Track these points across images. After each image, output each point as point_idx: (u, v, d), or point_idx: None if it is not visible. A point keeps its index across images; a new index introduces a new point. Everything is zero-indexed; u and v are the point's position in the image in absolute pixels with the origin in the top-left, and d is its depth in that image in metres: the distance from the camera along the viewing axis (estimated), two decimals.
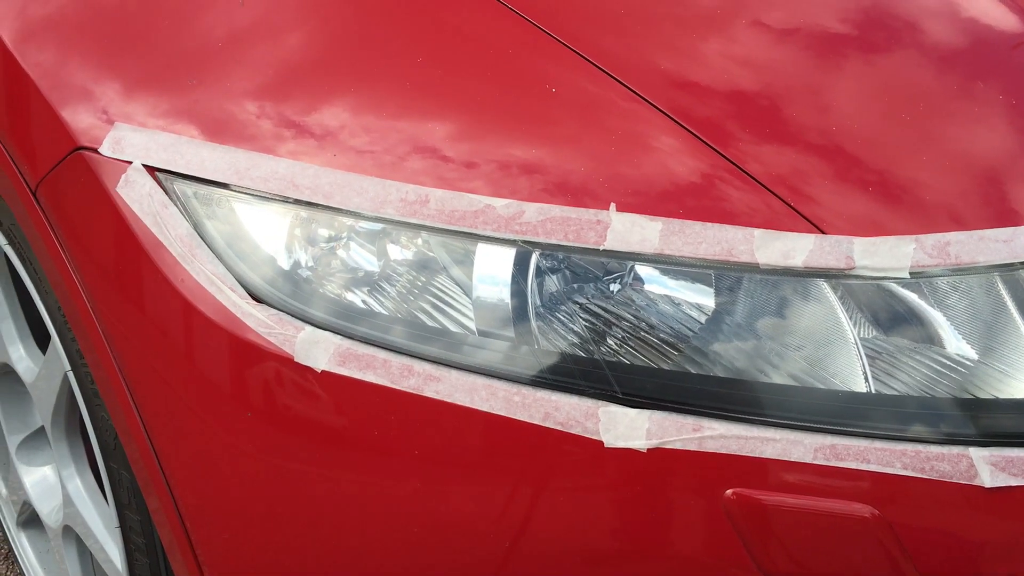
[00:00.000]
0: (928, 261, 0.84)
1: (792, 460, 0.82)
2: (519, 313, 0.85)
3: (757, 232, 0.83)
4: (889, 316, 0.88)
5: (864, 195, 0.87)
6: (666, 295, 0.86)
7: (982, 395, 0.86)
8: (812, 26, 1.02)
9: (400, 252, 0.88)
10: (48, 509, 1.37)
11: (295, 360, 0.84)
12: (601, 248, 0.83)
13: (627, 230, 0.83)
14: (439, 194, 0.85)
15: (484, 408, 0.83)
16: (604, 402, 0.82)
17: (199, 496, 0.91)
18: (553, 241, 0.84)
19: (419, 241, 0.87)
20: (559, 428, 0.82)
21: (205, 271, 0.87)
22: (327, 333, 0.85)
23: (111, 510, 1.10)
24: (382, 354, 0.84)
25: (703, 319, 0.86)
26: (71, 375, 1.09)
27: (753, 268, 0.83)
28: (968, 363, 0.87)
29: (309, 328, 0.85)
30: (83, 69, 0.96)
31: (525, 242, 0.84)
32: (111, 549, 1.19)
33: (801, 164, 0.87)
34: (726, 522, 0.82)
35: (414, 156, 0.87)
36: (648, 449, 0.82)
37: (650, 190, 0.85)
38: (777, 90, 0.93)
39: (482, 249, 0.85)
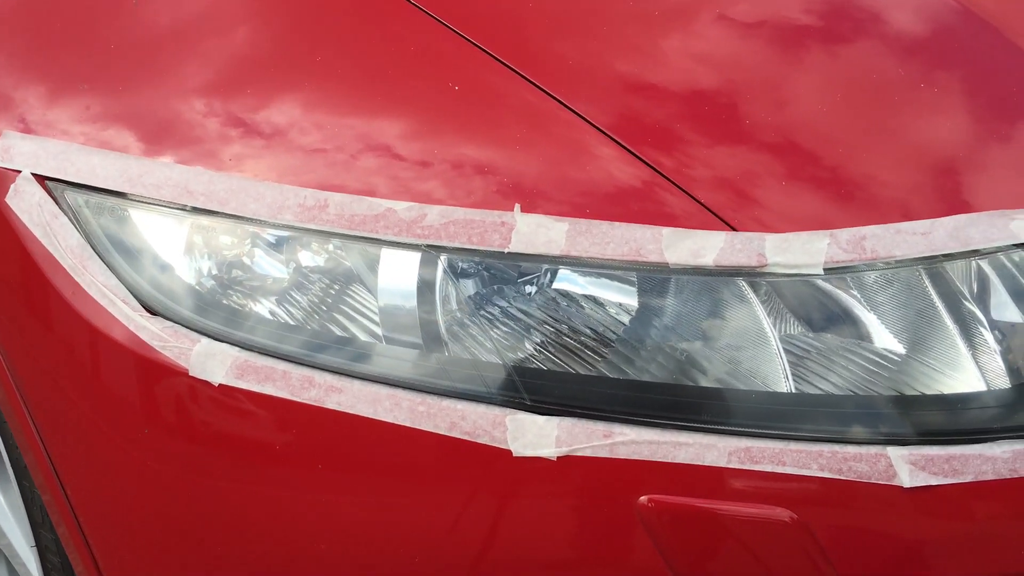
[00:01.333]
0: (843, 256, 0.82)
1: (706, 464, 0.79)
2: (425, 319, 0.82)
3: (666, 231, 0.80)
4: (815, 314, 0.86)
5: (780, 193, 0.85)
6: (579, 297, 0.84)
7: (909, 391, 0.84)
8: (730, 29, 0.99)
9: (300, 259, 0.85)
10: None
11: (190, 374, 0.81)
12: (506, 251, 0.81)
13: (532, 232, 0.81)
14: (338, 198, 0.82)
15: (388, 419, 0.80)
16: (512, 410, 0.80)
17: (100, 516, 0.88)
18: (457, 244, 0.81)
19: (320, 247, 0.84)
20: (466, 438, 0.79)
21: (97, 283, 0.83)
22: (224, 345, 0.82)
23: (30, 529, 1.07)
24: (281, 366, 0.81)
25: (618, 321, 0.83)
26: None
27: (663, 268, 0.81)
28: (896, 359, 0.85)
29: (205, 340, 0.82)
30: None
31: (429, 246, 0.81)
32: (32, 567, 1.15)
33: (717, 165, 0.85)
34: (641, 530, 0.80)
35: (319, 160, 0.84)
36: (558, 457, 0.79)
37: (562, 192, 0.82)
38: (693, 94, 0.90)
39: (386, 254, 0.82)
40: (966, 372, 0.85)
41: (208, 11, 0.95)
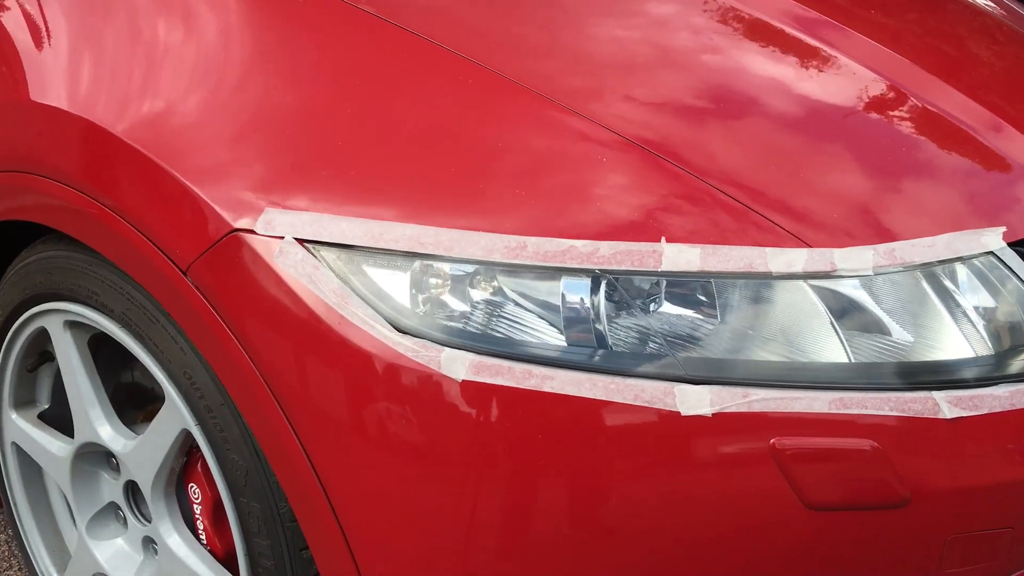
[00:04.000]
0: (882, 262, 1.18)
1: (814, 412, 1.12)
2: (599, 323, 1.13)
3: (768, 250, 1.14)
4: (847, 312, 1.19)
5: (822, 216, 1.20)
6: (696, 303, 1.16)
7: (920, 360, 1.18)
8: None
9: (496, 287, 1.14)
10: (130, 572, 1.52)
11: (441, 372, 1.09)
12: (659, 270, 1.13)
13: (676, 255, 1.13)
14: (534, 240, 1.13)
15: (588, 395, 1.09)
16: (677, 383, 1.10)
17: (364, 513, 1.13)
18: (624, 268, 1.12)
19: (512, 278, 1.14)
20: (646, 405, 1.10)
21: (358, 314, 1.11)
22: (462, 351, 1.10)
23: (239, 541, 1.29)
24: (506, 363, 1.10)
25: (719, 322, 1.15)
26: (196, 429, 1.28)
27: (767, 276, 1.14)
28: (908, 342, 1.20)
29: (448, 349, 1.10)
30: (228, 166, 1.19)
31: (603, 271, 1.13)
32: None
33: (784, 200, 1.20)
34: (773, 464, 1.11)
35: (514, 211, 1.15)
36: (713, 414, 1.10)
37: (682, 223, 1.15)
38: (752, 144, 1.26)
39: (567, 279, 1.13)
40: (958, 344, 1.20)
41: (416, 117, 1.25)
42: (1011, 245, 1.26)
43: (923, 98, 1.45)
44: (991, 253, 1.24)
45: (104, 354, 1.49)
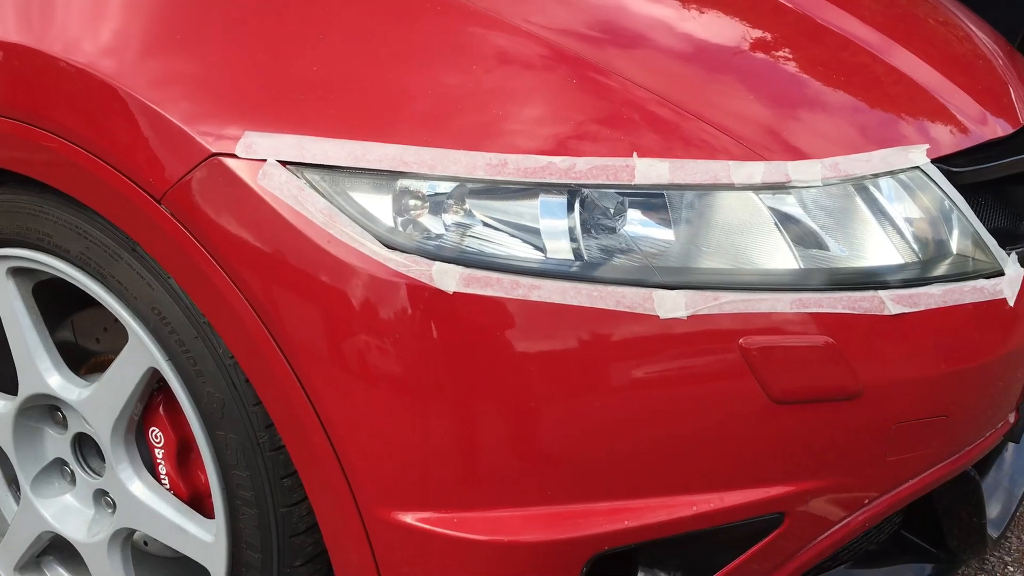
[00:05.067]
0: (829, 174, 1.27)
1: (777, 311, 1.20)
2: (575, 236, 1.18)
3: (731, 163, 1.22)
4: (788, 225, 1.27)
5: (773, 137, 1.29)
6: (663, 216, 1.22)
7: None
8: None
9: (467, 210, 1.17)
10: (82, 527, 1.48)
11: (433, 286, 1.12)
12: (632, 183, 1.19)
13: (647, 169, 1.19)
14: (514, 157, 1.17)
15: (573, 303, 1.14)
16: (655, 288, 1.17)
17: (361, 434, 1.14)
18: (599, 182, 1.18)
19: (487, 199, 1.17)
20: (627, 310, 1.16)
21: (347, 232, 1.12)
22: (452, 265, 1.13)
23: (215, 475, 1.28)
24: (494, 274, 1.14)
25: (684, 233, 1.22)
26: (167, 364, 1.27)
27: (730, 187, 1.22)
28: (843, 251, 1.30)
29: (438, 263, 1.13)
30: (200, 92, 1.18)
31: (579, 185, 1.18)
32: (190, 525, 1.35)
33: (739, 120, 1.28)
34: (741, 360, 1.19)
35: (486, 129, 1.18)
36: (688, 316, 1.17)
37: (654, 141, 1.21)
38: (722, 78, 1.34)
39: (545, 195, 1.18)
40: (889, 252, 1.30)
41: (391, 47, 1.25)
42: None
43: (828, 21, 1.56)
44: (917, 168, 1.35)
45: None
